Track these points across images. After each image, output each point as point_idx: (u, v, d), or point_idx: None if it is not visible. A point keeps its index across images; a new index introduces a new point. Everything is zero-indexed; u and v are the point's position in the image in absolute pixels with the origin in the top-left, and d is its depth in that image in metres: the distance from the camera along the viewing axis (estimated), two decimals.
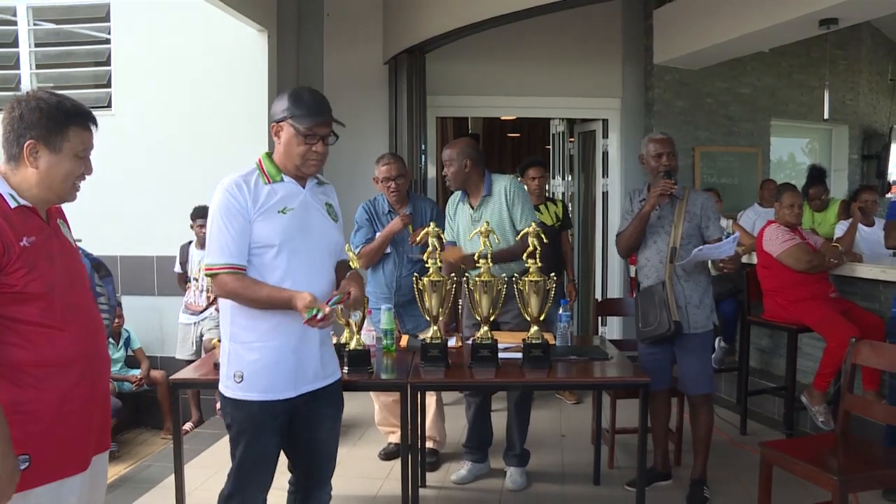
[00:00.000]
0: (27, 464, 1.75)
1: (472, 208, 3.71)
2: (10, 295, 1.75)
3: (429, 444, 3.99)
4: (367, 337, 3.25)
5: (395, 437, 4.05)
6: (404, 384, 2.93)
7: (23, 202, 1.81)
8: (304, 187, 2.36)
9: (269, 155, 2.36)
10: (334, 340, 3.24)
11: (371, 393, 4.10)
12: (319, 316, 2.15)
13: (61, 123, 1.80)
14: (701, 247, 3.36)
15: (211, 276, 2.27)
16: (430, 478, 3.84)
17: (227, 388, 2.31)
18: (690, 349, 3.50)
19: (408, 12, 5.56)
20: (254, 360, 2.27)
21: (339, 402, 2.51)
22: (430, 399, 4.00)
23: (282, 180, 2.32)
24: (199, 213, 5.02)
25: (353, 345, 3.00)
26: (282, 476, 2.48)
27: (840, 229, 5.20)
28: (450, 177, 3.68)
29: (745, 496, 3.52)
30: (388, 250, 3.96)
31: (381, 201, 4.04)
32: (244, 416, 2.29)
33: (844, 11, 4.57)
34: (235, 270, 2.22)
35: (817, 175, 5.87)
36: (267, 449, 2.32)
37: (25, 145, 1.79)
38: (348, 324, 3.05)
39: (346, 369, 2.93)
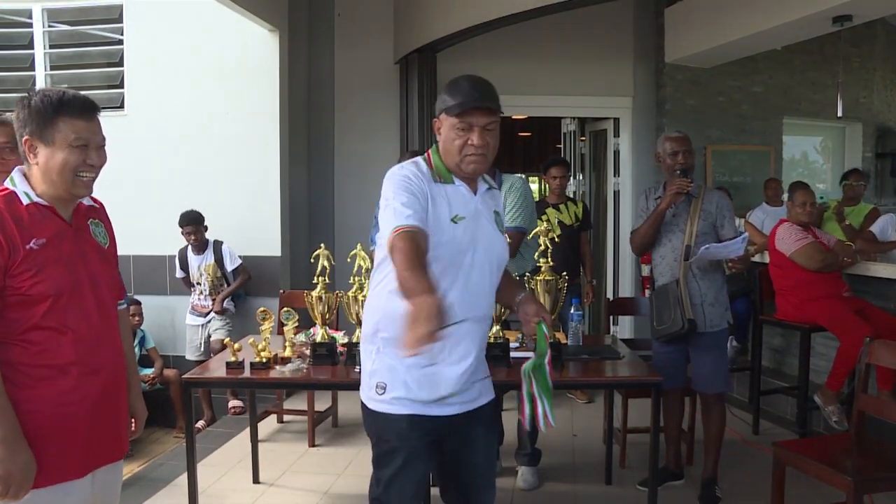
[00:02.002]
0: None
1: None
2: (16, 297, 1.76)
3: None
4: None
5: None
6: None
7: (36, 199, 1.81)
8: (475, 192, 2.08)
9: (439, 155, 2.07)
10: (345, 340, 3.26)
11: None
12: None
13: (49, 115, 1.79)
14: (708, 245, 3.35)
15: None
16: None
17: (370, 399, 2.03)
18: (705, 347, 3.49)
19: (418, 12, 5.57)
20: (404, 365, 1.96)
21: (500, 432, 2.30)
22: None
23: (453, 182, 2.04)
24: (186, 220, 5.03)
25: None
26: None
27: (883, 225, 5.08)
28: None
29: (758, 496, 3.50)
30: None
31: None
32: (392, 434, 2.00)
33: (858, 8, 4.55)
34: (408, 229, 1.85)
35: (855, 168, 5.89)
36: (416, 473, 2.04)
37: (24, 142, 1.82)
38: (359, 322, 3.03)
39: (357, 369, 2.89)
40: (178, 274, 5.28)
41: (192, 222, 5.04)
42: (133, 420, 2.13)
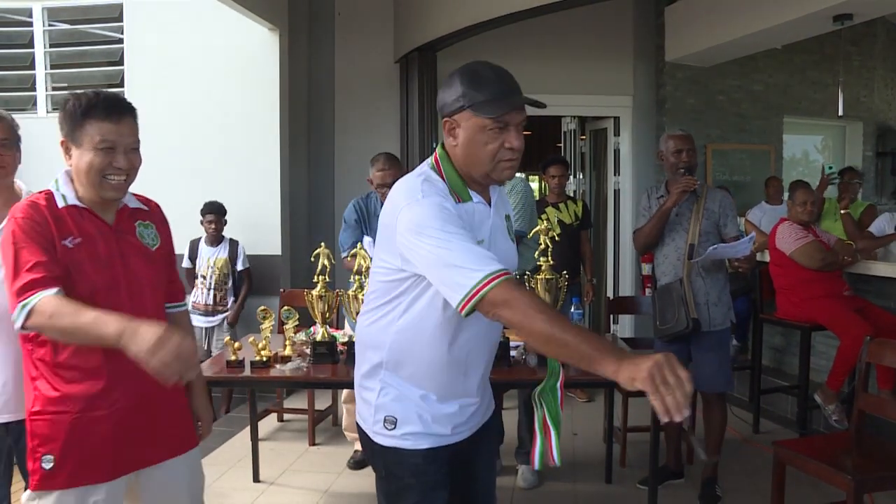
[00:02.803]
0: (51, 464, 1.76)
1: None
2: None
3: None
4: None
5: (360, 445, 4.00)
6: None
7: (72, 202, 1.83)
8: (490, 203, 1.80)
9: (451, 163, 1.75)
10: (345, 339, 3.26)
11: (341, 398, 4.06)
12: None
13: (78, 118, 1.80)
14: (716, 245, 3.36)
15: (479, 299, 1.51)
16: None
17: (377, 434, 1.78)
18: (707, 347, 3.49)
19: (418, 11, 5.57)
20: (416, 397, 1.76)
21: (499, 433, 2.14)
22: None
23: (471, 199, 1.73)
24: (209, 209, 5.04)
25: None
26: None
27: (880, 224, 5.11)
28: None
29: (758, 495, 3.52)
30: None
31: (374, 200, 3.92)
32: (406, 470, 1.77)
33: (859, 7, 4.56)
34: (506, 276, 1.52)
35: (849, 166, 5.91)
36: (436, 502, 1.82)
37: (61, 144, 1.85)
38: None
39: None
40: (185, 263, 5.27)
41: (215, 212, 5.06)
42: (199, 422, 2.12)
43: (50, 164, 5.52)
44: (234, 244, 5.18)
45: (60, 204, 1.82)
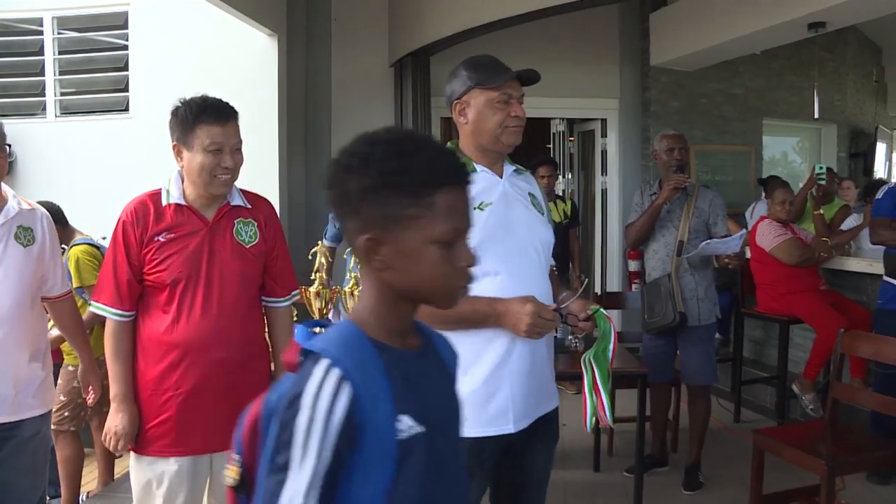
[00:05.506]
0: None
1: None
2: (147, 282, 1.98)
3: None
4: None
5: None
6: None
7: (175, 200, 1.98)
8: (501, 176, 1.93)
9: (457, 145, 1.96)
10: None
11: None
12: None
13: (190, 123, 1.94)
14: (709, 241, 3.45)
15: None
16: None
17: None
18: (693, 341, 3.58)
19: (412, 17, 5.68)
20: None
21: (556, 435, 2.02)
22: None
23: (474, 170, 1.86)
24: None
25: None
26: None
27: (850, 223, 5.30)
28: None
29: (739, 481, 3.60)
30: None
31: None
32: None
33: (831, 15, 4.70)
34: None
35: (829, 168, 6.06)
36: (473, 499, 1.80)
37: (173, 148, 1.99)
38: None
39: None
40: None
41: None
42: None
43: (59, 164, 5.64)
44: None
45: (164, 202, 1.97)
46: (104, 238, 3.05)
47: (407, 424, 1.04)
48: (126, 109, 5.57)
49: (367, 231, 1.07)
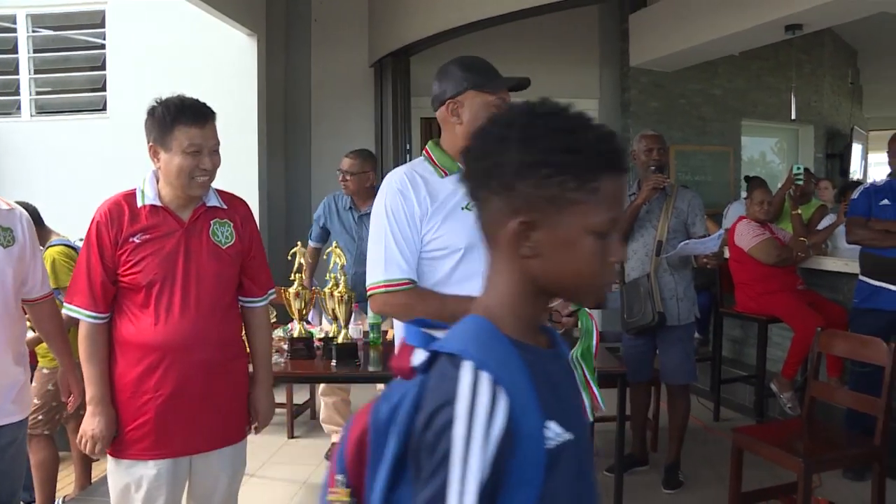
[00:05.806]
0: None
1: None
2: (122, 283, 1.95)
3: None
4: (355, 331, 3.29)
5: (337, 437, 4.10)
6: (390, 377, 3.01)
7: (150, 201, 1.96)
8: None
9: (438, 143, 1.98)
10: (321, 334, 3.30)
11: (319, 391, 4.12)
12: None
13: (168, 124, 1.92)
14: (687, 241, 3.48)
15: (372, 295, 1.84)
16: None
17: None
18: (672, 340, 3.61)
19: (392, 17, 5.67)
20: None
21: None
22: None
23: (458, 170, 1.81)
24: None
25: (340, 339, 3.06)
26: None
27: (827, 223, 5.34)
28: None
29: (718, 479, 3.63)
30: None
31: (341, 195, 4.00)
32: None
33: (808, 18, 4.77)
34: (406, 286, 1.81)
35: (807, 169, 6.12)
36: None
37: (149, 149, 1.96)
38: (336, 318, 3.11)
39: (334, 363, 3.00)
40: None
41: None
42: (257, 414, 2.22)
43: (34, 164, 5.55)
44: None
45: (139, 203, 1.95)
46: (80, 240, 3.01)
47: (555, 431, 0.93)
48: (103, 109, 5.51)
49: (522, 213, 0.94)
